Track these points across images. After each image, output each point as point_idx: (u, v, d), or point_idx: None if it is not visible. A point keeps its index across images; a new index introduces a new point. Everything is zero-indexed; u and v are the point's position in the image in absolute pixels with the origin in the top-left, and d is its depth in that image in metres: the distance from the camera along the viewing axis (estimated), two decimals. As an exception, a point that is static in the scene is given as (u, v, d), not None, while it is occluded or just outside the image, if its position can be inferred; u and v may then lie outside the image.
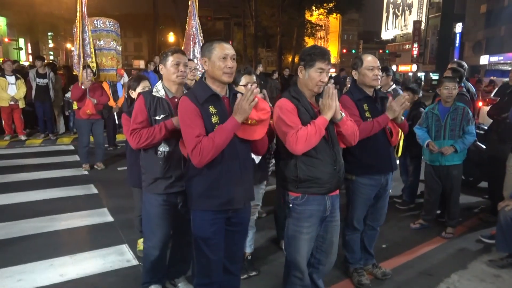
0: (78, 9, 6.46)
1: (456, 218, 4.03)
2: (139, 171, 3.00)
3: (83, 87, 5.96)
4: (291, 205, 2.41)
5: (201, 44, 7.30)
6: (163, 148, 2.58)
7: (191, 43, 7.37)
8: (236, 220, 2.32)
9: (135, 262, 3.37)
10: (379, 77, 2.85)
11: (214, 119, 2.14)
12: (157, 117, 2.57)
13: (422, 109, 4.43)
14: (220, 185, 2.19)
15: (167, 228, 2.73)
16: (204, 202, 2.21)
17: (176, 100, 2.58)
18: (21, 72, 8.84)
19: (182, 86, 2.71)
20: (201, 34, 7.49)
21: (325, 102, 2.26)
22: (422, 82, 31.12)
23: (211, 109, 2.15)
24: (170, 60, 2.56)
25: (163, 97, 2.60)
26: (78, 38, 6.47)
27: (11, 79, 7.97)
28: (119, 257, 3.46)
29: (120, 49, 7.72)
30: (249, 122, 2.14)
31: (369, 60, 2.81)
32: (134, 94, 3.37)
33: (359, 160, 2.85)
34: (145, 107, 2.55)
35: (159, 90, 2.62)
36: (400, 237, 3.98)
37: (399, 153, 4.98)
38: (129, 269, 3.26)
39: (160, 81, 2.67)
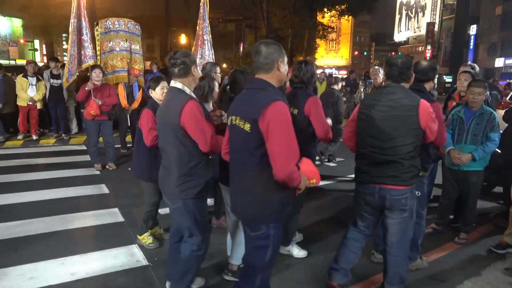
0: (74, 10, 6.45)
1: (471, 225, 3.94)
2: (149, 163, 3.24)
3: (86, 88, 5.95)
4: (418, 193, 2.80)
5: (208, 46, 7.38)
6: None
7: (199, 43, 7.42)
8: None
9: (144, 262, 3.38)
10: None
11: None
12: None
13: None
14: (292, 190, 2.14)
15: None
16: (285, 212, 2.12)
17: None
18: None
19: None
20: (210, 36, 7.53)
21: None
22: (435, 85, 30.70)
23: None
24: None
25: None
26: (71, 39, 6.49)
27: (33, 80, 8.14)
28: (129, 257, 3.48)
29: (138, 48, 7.71)
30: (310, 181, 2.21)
31: None
32: (153, 94, 3.46)
33: (430, 158, 3.17)
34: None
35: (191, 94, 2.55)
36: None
37: None
38: (139, 269, 3.27)
39: (183, 85, 2.47)
